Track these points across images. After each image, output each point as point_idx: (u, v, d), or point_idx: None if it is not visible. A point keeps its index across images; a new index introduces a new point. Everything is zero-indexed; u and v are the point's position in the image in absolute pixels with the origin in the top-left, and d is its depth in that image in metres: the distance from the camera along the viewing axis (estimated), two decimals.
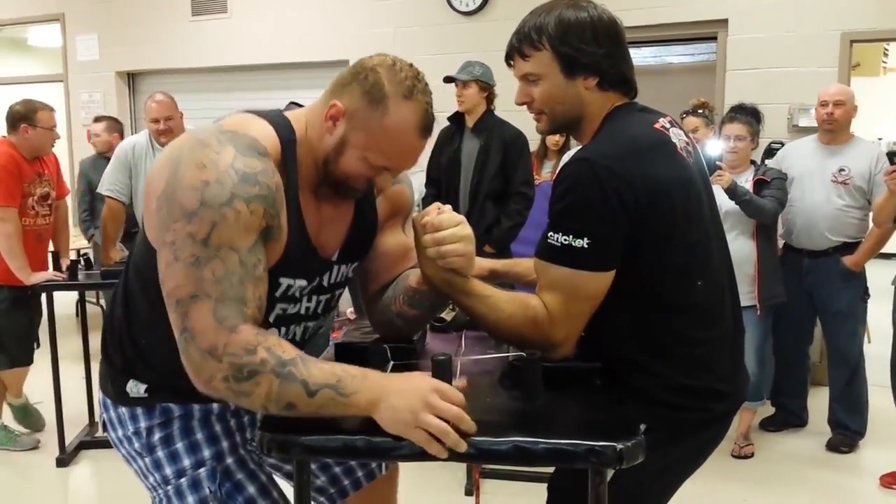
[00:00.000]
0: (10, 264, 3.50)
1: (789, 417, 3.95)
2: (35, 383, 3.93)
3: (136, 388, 1.46)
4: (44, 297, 3.56)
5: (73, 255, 3.87)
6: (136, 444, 1.47)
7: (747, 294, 3.34)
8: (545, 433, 1.17)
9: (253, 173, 1.23)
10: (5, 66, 7.68)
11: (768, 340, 3.72)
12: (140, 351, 1.45)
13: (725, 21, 4.74)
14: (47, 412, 3.82)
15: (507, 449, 1.14)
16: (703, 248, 1.48)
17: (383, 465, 1.70)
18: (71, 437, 3.67)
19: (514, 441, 1.15)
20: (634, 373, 1.45)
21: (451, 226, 1.39)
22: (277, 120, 1.36)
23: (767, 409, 3.96)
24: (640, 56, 5.28)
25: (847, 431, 3.69)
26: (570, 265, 1.37)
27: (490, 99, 3.94)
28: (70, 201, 4.35)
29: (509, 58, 1.53)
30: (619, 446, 1.12)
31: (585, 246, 1.35)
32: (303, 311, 1.49)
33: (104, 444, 3.00)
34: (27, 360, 3.77)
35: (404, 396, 1.14)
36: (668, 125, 1.51)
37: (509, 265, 1.80)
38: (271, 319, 1.42)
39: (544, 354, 1.39)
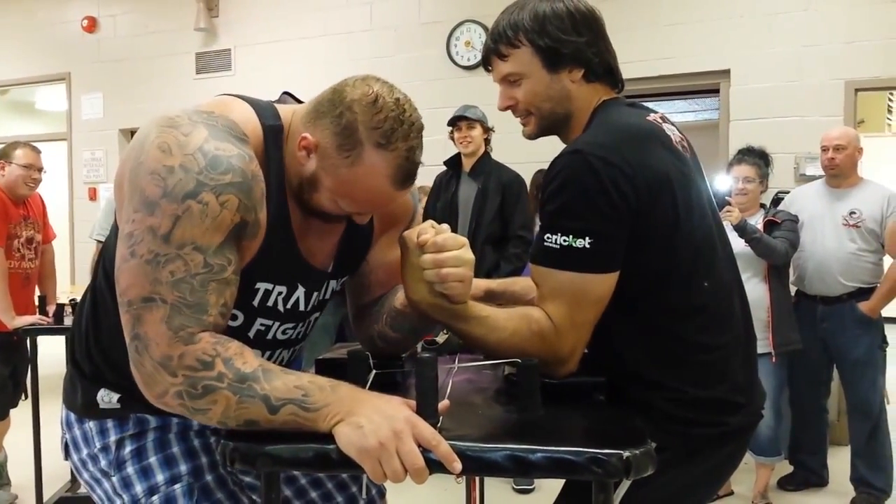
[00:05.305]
0: None
1: (809, 476, 3.73)
2: (20, 435, 3.71)
3: (108, 398, 1.30)
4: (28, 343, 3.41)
5: (62, 300, 3.74)
6: (103, 462, 1.30)
7: (761, 341, 3.18)
8: (543, 441, 1.04)
9: (226, 157, 1.09)
10: (12, 129, 7.71)
11: (784, 391, 3.55)
12: (109, 359, 1.30)
13: (728, 72, 4.72)
14: (27, 465, 3.60)
15: (500, 458, 1.02)
16: (709, 247, 1.37)
17: (364, 491, 1.54)
18: (49, 493, 3.46)
19: (508, 449, 1.02)
20: (640, 385, 1.32)
21: (454, 248, 1.23)
22: (262, 105, 1.24)
23: (785, 468, 3.75)
24: None
25: (871, 490, 3.45)
26: (572, 268, 1.25)
27: (487, 142, 3.92)
28: (65, 248, 4.25)
29: (486, 62, 1.45)
30: (626, 454, 1.00)
31: (587, 245, 1.23)
32: (288, 335, 1.35)
33: (85, 501, 2.82)
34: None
35: (375, 419, 1.01)
36: (660, 120, 1.42)
37: (505, 284, 1.67)
38: (251, 335, 1.29)
39: (550, 372, 1.27)
